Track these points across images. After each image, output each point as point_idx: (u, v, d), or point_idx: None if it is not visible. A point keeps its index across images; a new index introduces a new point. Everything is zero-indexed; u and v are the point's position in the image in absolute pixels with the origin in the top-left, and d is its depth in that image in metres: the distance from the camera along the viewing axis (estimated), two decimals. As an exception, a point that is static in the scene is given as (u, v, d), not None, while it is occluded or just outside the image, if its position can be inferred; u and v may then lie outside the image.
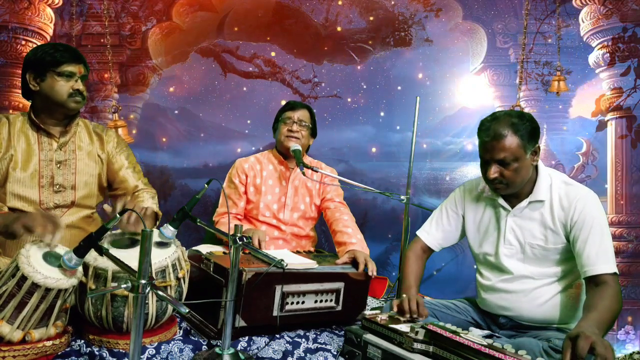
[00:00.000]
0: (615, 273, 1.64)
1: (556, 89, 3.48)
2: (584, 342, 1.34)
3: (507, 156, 1.69)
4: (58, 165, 1.98)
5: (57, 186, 1.97)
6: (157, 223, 2.09)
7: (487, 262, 1.91)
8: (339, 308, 1.95)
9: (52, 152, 1.97)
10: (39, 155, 1.95)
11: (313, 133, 2.57)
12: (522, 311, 1.81)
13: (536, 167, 1.81)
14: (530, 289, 1.80)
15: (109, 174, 2.11)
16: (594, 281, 1.64)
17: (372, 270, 2.02)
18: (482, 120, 1.78)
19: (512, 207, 1.83)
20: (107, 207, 1.80)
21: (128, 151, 2.17)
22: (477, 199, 1.96)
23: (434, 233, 2.01)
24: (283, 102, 2.66)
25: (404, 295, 1.75)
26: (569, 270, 1.78)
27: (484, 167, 1.77)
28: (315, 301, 1.90)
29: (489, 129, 1.72)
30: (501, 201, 1.84)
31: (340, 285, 1.94)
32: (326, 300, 1.92)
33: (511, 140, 1.69)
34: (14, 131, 1.95)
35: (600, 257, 1.64)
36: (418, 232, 2.04)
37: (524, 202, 1.80)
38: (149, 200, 2.07)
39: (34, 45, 2.96)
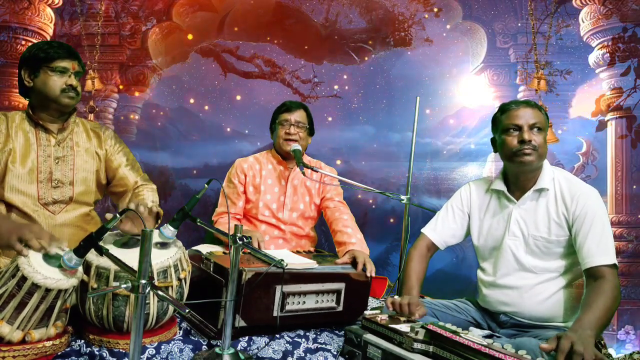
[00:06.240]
0: (614, 265, 1.66)
1: (536, 86, 3.50)
2: (564, 340, 1.38)
3: (539, 122, 1.80)
4: (56, 161, 1.99)
5: (56, 182, 1.98)
6: (159, 222, 2.09)
7: (490, 257, 1.93)
8: (340, 308, 1.95)
9: (50, 148, 1.99)
10: (37, 151, 1.96)
11: (311, 132, 2.57)
12: (523, 307, 1.81)
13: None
14: (531, 284, 1.81)
15: (108, 172, 2.13)
16: (593, 274, 1.66)
17: (371, 270, 2.02)
18: (503, 104, 1.91)
19: (517, 199, 1.86)
20: (108, 216, 1.77)
21: (126, 149, 2.19)
22: (484, 196, 1.98)
23: (440, 231, 2.02)
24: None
25: (395, 296, 1.77)
26: (570, 267, 1.80)
27: (512, 136, 1.81)
28: (316, 301, 1.90)
29: (518, 102, 1.88)
30: (507, 193, 1.88)
31: (341, 285, 1.94)
32: (327, 301, 1.92)
33: (539, 111, 1.83)
34: (12, 126, 1.96)
35: (600, 249, 1.67)
36: (423, 230, 2.05)
37: (529, 192, 1.83)
38: (149, 197, 2.08)
39: (34, 45, 2.96)
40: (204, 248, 2.18)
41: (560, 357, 1.35)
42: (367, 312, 1.70)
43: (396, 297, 1.76)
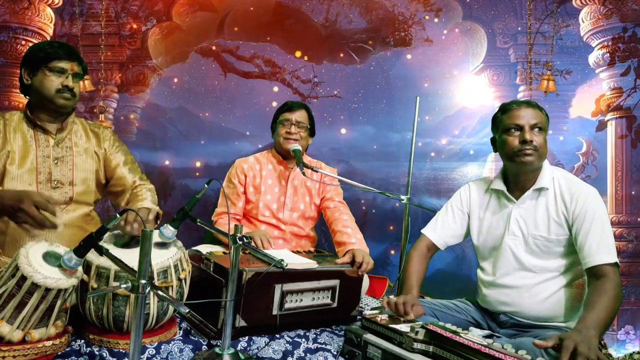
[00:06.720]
0: (616, 263, 1.66)
1: (544, 88, 3.49)
2: (568, 341, 1.38)
3: (540, 122, 1.80)
4: (55, 162, 1.99)
5: (55, 182, 1.98)
6: (159, 222, 2.10)
7: (490, 256, 1.93)
8: (335, 305, 1.97)
9: (49, 149, 1.98)
10: (35, 152, 1.96)
11: (312, 133, 2.57)
12: (523, 307, 1.81)
13: None
14: (531, 284, 1.81)
15: (107, 171, 2.13)
16: (595, 273, 1.66)
17: (364, 268, 2.03)
18: (504, 104, 1.90)
19: (517, 199, 1.86)
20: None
21: (124, 148, 2.19)
22: (483, 195, 1.98)
23: (440, 231, 2.02)
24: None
25: (392, 296, 1.77)
26: (570, 266, 1.80)
27: (514, 136, 1.81)
28: (313, 299, 1.92)
29: (519, 102, 1.87)
30: (507, 193, 1.88)
31: (335, 282, 1.97)
32: (323, 298, 1.94)
33: (540, 112, 1.83)
34: (9, 128, 1.96)
35: (601, 247, 1.67)
36: (423, 231, 2.05)
37: (529, 191, 1.83)
38: (148, 197, 2.07)
39: (34, 45, 2.96)
40: (204, 248, 2.18)
41: (563, 357, 1.35)
42: (367, 312, 1.70)
43: (392, 296, 1.76)
